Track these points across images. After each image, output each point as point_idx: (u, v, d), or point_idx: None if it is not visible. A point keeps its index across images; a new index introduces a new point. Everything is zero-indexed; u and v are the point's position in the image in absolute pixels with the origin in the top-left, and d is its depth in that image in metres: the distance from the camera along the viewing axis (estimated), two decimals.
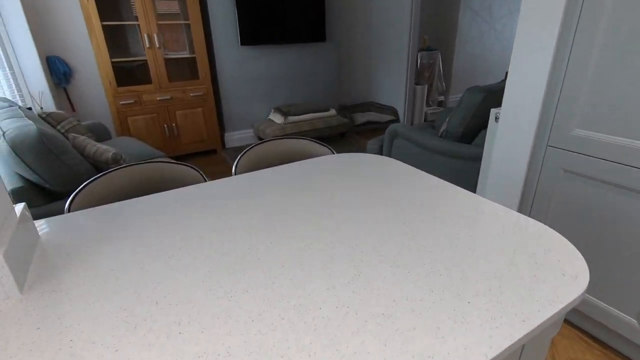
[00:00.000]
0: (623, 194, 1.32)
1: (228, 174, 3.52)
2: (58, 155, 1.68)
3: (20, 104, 3.20)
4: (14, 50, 3.15)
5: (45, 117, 2.64)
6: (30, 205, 1.67)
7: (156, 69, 3.67)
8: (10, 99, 3.15)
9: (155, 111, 3.78)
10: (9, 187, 1.60)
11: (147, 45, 3.55)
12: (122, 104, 3.60)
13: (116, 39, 3.68)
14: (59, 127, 2.69)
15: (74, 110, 3.77)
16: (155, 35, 3.56)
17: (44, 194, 1.71)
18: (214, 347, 0.57)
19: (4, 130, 1.62)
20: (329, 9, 4.43)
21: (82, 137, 2.01)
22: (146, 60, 3.61)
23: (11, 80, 3.16)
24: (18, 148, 1.57)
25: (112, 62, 3.47)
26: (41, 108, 3.31)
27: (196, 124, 4.03)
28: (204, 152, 4.30)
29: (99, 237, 0.90)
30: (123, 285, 0.72)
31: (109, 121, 4.01)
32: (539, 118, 1.48)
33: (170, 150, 3.97)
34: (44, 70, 3.30)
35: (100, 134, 3.13)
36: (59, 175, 1.69)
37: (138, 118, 3.71)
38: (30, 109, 3.19)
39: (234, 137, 4.44)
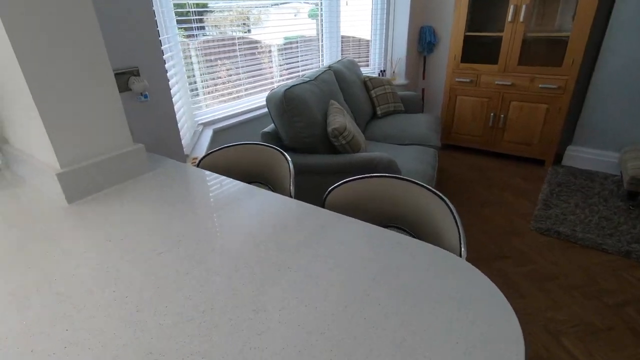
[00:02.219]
0: None
1: (531, 196, 2.68)
2: (290, 117, 1.94)
3: (380, 67, 3.79)
4: (394, 20, 3.64)
5: (366, 81, 3.01)
6: None
7: (509, 47, 3.07)
8: (377, 62, 3.78)
9: (488, 95, 3.30)
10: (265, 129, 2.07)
11: (510, 19, 2.98)
12: (457, 82, 3.40)
13: (480, 10, 3.34)
14: (372, 92, 3.00)
15: (424, 78, 4.00)
16: (523, 7, 2.90)
17: (282, 145, 2.07)
18: None
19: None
20: None
21: (336, 106, 2.17)
22: (501, 36, 3.08)
23: (384, 46, 3.74)
24: (268, 102, 1.96)
25: (466, 36, 3.25)
26: (393, 72, 3.76)
27: (531, 122, 3.17)
28: (526, 160, 3.39)
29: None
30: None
31: (439, 96, 3.96)
32: None
33: (488, 143, 3.44)
34: (409, 38, 3.62)
35: (410, 105, 3.19)
36: (287, 133, 1.98)
37: (468, 99, 3.41)
38: (383, 71, 3.71)
39: (579, 155, 3.13)
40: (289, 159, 1.27)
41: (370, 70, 3.84)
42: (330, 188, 1.11)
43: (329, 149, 2.04)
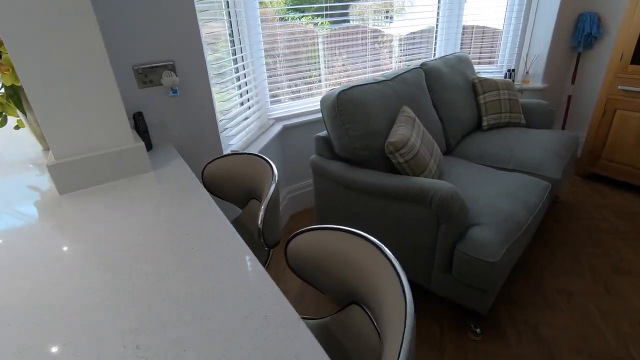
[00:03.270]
0: None
1: None
2: (342, 123, 1.66)
3: (509, 65, 3.05)
4: (537, 3, 2.84)
5: (475, 84, 2.43)
6: (319, 154, 1.88)
7: None
8: (506, 59, 3.06)
9: None
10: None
11: None
12: (621, 90, 2.46)
13: None
14: (480, 97, 2.42)
15: (573, 82, 3.06)
16: None
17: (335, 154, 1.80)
18: None
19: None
20: None
21: (406, 114, 1.76)
22: None
23: (518, 38, 2.98)
24: (322, 103, 1.72)
25: None
26: (526, 73, 2.98)
27: None
28: None
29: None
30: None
31: (588, 108, 2.95)
32: None
33: None
34: (556, 28, 2.79)
35: (534, 118, 2.45)
36: (338, 140, 1.71)
37: (633, 115, 2.44)
38: (512, 71, 2.97)
39: None
40: (274, 173, 1.05)
41: (495, 68, 3.13)
42: (293, 233, 0.85)
43: (389, 166, 1.70)
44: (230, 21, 2.02)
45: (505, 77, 3.00)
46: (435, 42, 3.07)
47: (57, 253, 0.81)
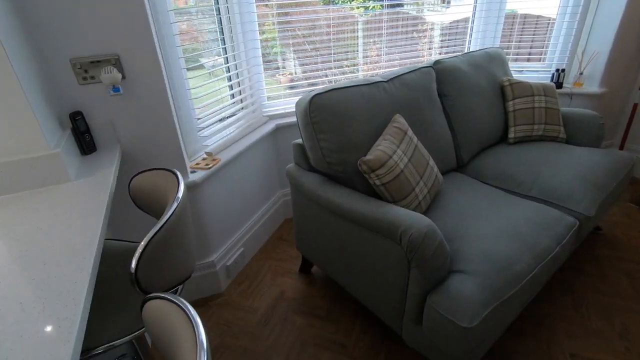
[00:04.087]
0: None
1: None
2: (315, 132, 1.42)
3: (561, 64, 2.56)
4: None
5: (505, 87, 2.03)
6: (296, 163, 1.66)
7: None
8: (556, 56, 2.57)
9: None
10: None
11: None
12: None
13: None
14: (509, 103, 2.02)
15: None
16: None
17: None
18: None
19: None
20: None
21: (396, 126, 1.46)
22: None
23: (574, 31, 2.47)
24: (297, 107, 1.48)
25: None
26: (580, 74, 2.47)
27: None
28: None
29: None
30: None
31: None
32: None
33: None
34: (624, 17, 2.25)
35: (578, 132, 2.01)
36: (311, 150, 1.47)
37: None
38: (562, 71, 2.48)
39: None
40: (180, 192, 0.86)
41: (542, 67, 2.64)
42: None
43: (368, 185, 1.44)
44: (220, 17, 1.83)
45: (552, 78, 2.51)
46: (471, 34, 2.65)
47: None
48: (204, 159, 1.71)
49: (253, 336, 1.60)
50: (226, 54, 1.91)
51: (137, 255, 0.77)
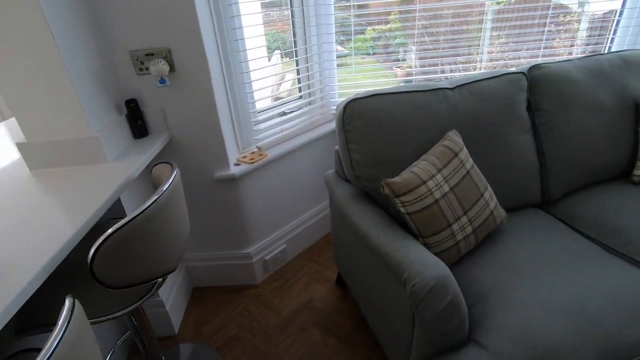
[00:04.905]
0: None
1: None
2: (347, 141, 1.26)
3: None
4: None
5: None
6: (337, 170, 1.54)
7: None
8: None
9: None
10: None
11: None
12: None
13: None
14: None
15: None
16: None
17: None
18: None
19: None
20: None
21: (446, 145, 1.19)
22: None
23: None
24: (335, 111, 1.35)
25: None
26: None
27: None
28: None
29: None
30: None
31: None
32: None
33: None
34: None
35: None
36: (342, 160, 1.33)
37: None
38: None
39: None
40: (164, 186, 0.86)
41: None
42: None
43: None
44: (292, 9, 1.79)
45: None
46: (615, 31, 2.03)
47: None
48: (252, 153, 1.72)
49: (268, 337, 1.59)
50: (296, 46, 1.87)
51: (93, 248, 0.79)
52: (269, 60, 2.28)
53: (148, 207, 0.87)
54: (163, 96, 1.42)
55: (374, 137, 1.23)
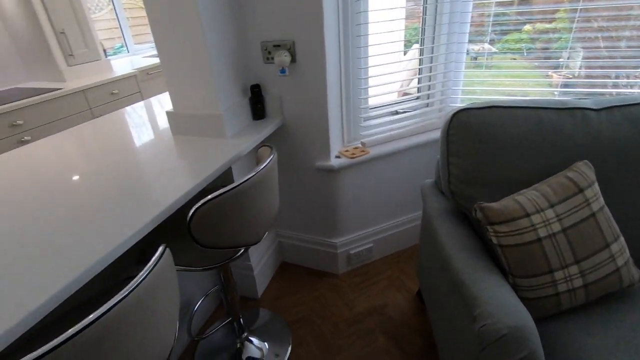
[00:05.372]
0: None
1: None
2: (448, 152, 1.16)
3: None
4: None
5: None
6: (437, 180, 1.44)
7: None
8: None
9: None
10: None
11: None
12: None
13: None
14: None
15: None
16: None
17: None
18: None
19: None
20: None
21: (566, 178, 0.97)
22: None
23: None
24: (445, 117, 1.25)
25: None
26: None
27: None
28: None
29: None
30: None
31: None
32: None
33: None
34: None
35: None
36: (441, 169, 1.23)
37: None
38: None
39: None
40: (260, 166, 0.97)
41: None
42: None
43: None
44: (426, 5, 1.71)
45: None
46: None
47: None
48: (354, 148, 1.75)
49: (335, 328, 1.63)
50: (423, 44, 1.79)
51: (194, 208, 0.94)
52: (405, 55, 2.23)
53: (242, 182, 0.98)
54: (282, 84, 1.55)
55: (480, 153, 1.11)
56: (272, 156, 1.11)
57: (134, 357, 0.63)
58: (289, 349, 1.55)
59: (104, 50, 3.13)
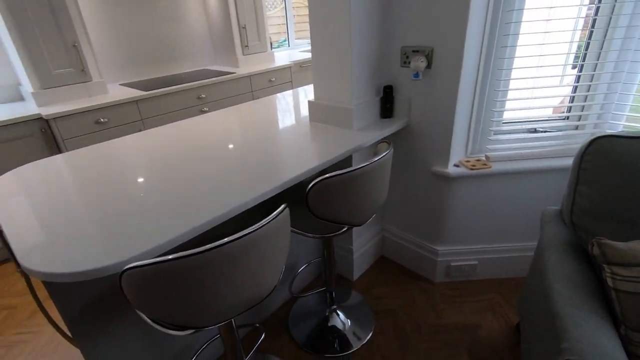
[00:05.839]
0: None
1: None
2: (578, 179, 1.05)
3: None
4: None
5: None
6: (562, 208, 1.32)
7: None
8: None
9: None
10: None
11: None
12: None
13: None
14: None
15: None
16: None
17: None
18: None
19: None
20: None
21: None
22: None
23: None
24: (584, 143, 1.14)
25: None
26: None
27: None
28: None
29: None
30: None
31: None
32: None
33: None
34: None
35: None
36: (566, 196, 1.13)
37: None
38: None
39: None
40: (375, 157, 1.12)
41: None
42: None
43: None
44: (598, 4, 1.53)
45: None
46: None
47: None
48: (476, 160, 1.71)
49: (418, 329, 1.66)
50: (584, 60, 1.61)
51: (312, 183, 1.13)
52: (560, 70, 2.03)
53: (355, 169, 1.13)
54: (413, 88, 1.62)
55: (615, 186, 1.00)
56: (388, 151, 1.22)
57: (250, 280, 0.85)
58: (370, 334, 1.66)
59: (271, 43, 3.68)
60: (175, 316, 0.82)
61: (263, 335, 1.60)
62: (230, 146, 1.47)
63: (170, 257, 0.72)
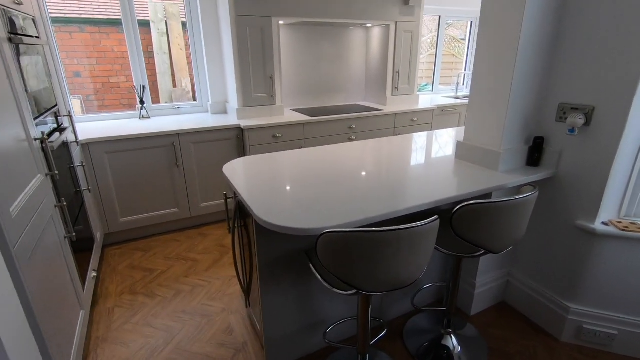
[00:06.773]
0: None
1: None
2: None
3: None
4: None
5: None
6: None
7: None
8: None
9: None
10: None
11: None
12: None
13: None
14: None
15: None
16: None
17: None
18: None
19: None
20: None
21: None
22: None
23: None
24: None
25: None
26: None
27: None
28: None
29: None
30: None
31: None
32: None
33: None
34: None
35: None
36: None
37: None
38: None
39: None
40: (519, 196, 1.30)
41: None
42: None
43: None
44: None
45: None
46: None
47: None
48: (632, 223, 1.65)
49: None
50: None
51: (458, 207, 1.36)
52: None
53: (497, 201, 1.31)
54: (566, 142, 1.71)
55: None
56: (534, 192, 1.37)
57: (405, 262, 1.12)
58: None
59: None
60: (348, 275, 1.14)
61: (385, 331, 1.82)
62: (385, 167, 1.81)
63: (361, 229, 1.05)
